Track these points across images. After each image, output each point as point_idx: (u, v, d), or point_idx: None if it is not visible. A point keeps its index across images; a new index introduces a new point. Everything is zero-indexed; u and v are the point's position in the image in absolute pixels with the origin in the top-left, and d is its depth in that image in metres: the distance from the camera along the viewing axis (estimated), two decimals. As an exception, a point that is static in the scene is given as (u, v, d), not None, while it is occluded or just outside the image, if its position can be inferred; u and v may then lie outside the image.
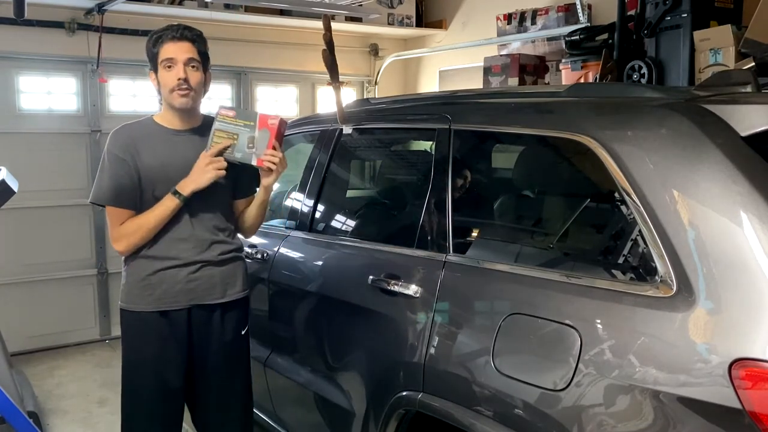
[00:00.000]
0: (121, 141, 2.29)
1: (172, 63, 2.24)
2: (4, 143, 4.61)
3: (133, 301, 2.32)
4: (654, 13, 3.10)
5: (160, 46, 2.26)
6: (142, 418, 2.35)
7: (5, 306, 4.64)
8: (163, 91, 2.29)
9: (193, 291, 2.30)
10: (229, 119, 2.28)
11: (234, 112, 2.29)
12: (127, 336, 2.36)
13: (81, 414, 3.87)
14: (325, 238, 2.78)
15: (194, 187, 2.23)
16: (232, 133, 2.27)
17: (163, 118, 2.35)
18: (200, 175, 2.24)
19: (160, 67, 2.26)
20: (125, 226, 2.26)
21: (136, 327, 2.32)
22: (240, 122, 2.28)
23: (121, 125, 2.36)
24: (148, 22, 4.98)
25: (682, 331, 1.45)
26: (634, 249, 1.65)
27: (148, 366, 2.31)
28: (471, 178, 2.33)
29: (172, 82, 2.24)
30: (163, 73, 2.26)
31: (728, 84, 1.80)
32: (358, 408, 2.32)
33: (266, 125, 2.27)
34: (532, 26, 4.60)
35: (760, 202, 1.43)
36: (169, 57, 2.24)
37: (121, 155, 2.26)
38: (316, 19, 5.07)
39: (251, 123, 2.27)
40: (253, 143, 2.27)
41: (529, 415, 1.68)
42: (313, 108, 6.00)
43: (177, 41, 2.25)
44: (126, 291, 2.34)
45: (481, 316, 1.91)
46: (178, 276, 2.28)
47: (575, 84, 3.24)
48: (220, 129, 2.28)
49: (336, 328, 2.50)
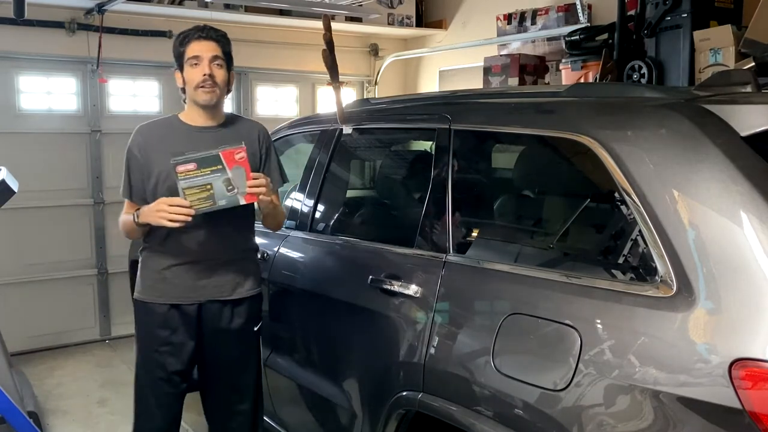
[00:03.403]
0: (138, 138, 2.38)
1: (198, 60, 2.31)
2: (4, 143, 4.61)
3: (146, 293, 2.41)
4: (654, 13, 3.10)
5: (186, 44, 2.33)
6: (149, 404, 2.43)
7: (5, 306, 4.64)
8: (189, 88, 2.35)
9: (204, 288, 2.37)
10: (192, 173, 2.12)
11: (193, 164, 2.12)
12: (140, 325, 2.46)
13: (81, 414, 3.87)
14: (325, 238, 2.78)
15: (148, 221, 2.24)
16: (204, 185, 2.13)
17: (187, 115, 2.41)
18: (152, 214, 2.21)
19: (186, 65, 2.33)
20: (121, 218, 2.40)
21: (148, 317, 2.40)
22: (206, 171, 2.13)
23: (146, 122, 2.44)
24: (148, 22, 4.98)
25: (682, 331, 1.45)
26: (634, 249, 1.65)
27: (157, 352, 2.39)
28: (471, 178, 2.33)
29: (197, 78, 2.30)
30: (189, 70, 2.32)
31: (728, 84, 1.80)
32: (358, 408, 2.32)
33: (235, 161, 2.14)
34: (532, 26, 4.60)
35: (760, 202, 1.43)
36: (195, 55, 2.31)
37: (135, 152, 2.36)
38: (316, 19, 5.07)
39: (218, 166, 2.13)
40: (231, 184, 2.14)
41: (529, 415, 1.68)
42: (313, 108, 5.99)
43: (203, 40, 2.32)
44: (140, 282, 2.43)
45: (481, 316, 1.91)
46: (191, 272, 2.35)
47: (575, 84, 3.24)
48: (188, 187, 2.13)
49: (336, 328, 2.50)
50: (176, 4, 4.84)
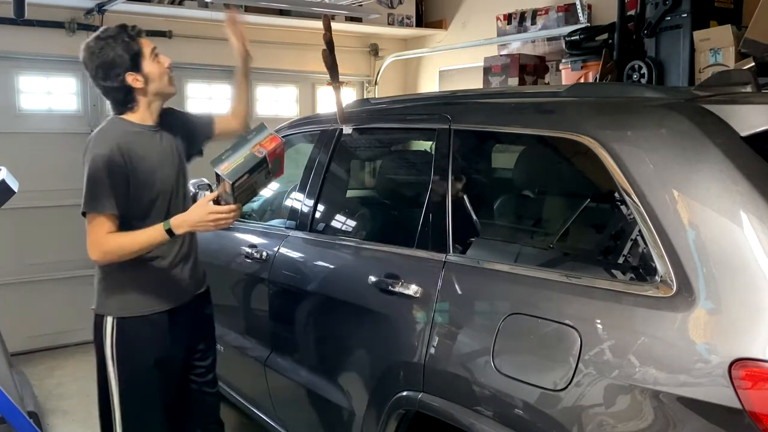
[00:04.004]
0: (113, 143, 2.15)
1: (157, 51, 2.25)
2: (4, 143, 4.61)
3: (136, 307, 2.25)
4: (654, 13, 3.10)
5: (136, 41, 2.21)
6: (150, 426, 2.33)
7: (5, 306, 4.63)
8: (155, 83, 2.24)
9: (196, 282, 2.40)
10: (244, 181, 2.05)
11: (246, 174, 2.04)
12: (130, 344, 2.27)
13: (81, 414, 3.87)
14: (325, 238, 2.78)
15: (189, 231, 2.18)
16: (251, 185, 2.12)
17: (138, 116, 2.26)
18: (202, 224, 2.12)
19: (148, 59, 2.22)
20: (108, 242, 2.14)
21: (142, 332, 2.26)
22: (254, 174, 2.07)
23: (100, 129, 2.24)
24: (148, 22, 4.98)
25: (682, 331, 1.45)
26: (634, 249, 1.65)
27: (157, 371, 2.27)
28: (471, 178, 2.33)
29: (164, 69, 2.25)
30: (153, 64, 2.23)
31: (728, 84, 1.80)
32: (358, 408, 2.32)
33: (275, 154, 2.09)
34: (532, 26, 4.60)
35: (760, 202, 1.43)
36: (153, 46, 2.24)
37: (116, 158, 2.14)
38: (316, 19, 5.07)
39: (263, 165, 2.08)
40: (270, 172, 2.14)
41: (529, 415, 1.68)
42: (313, 108, 5.99)
43: (142, 36, 2.25)
44: (125, 298, 2.26)
45: (481, 316, 1.91)
46: (184, 270, 2.34)
47: (575, 84, 3.24)
48: (239, 193, 2.08)
49: (336, 328, 2.50)
50: (176, 4, 4.85)
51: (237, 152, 2.06)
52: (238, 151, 2.06)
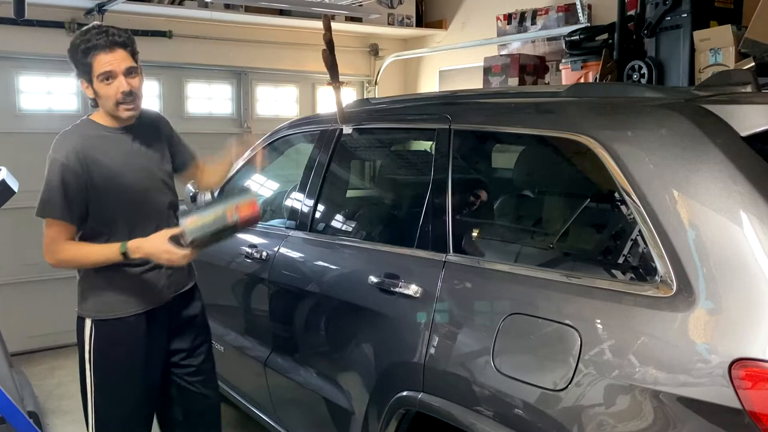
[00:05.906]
0: (71, 149, 2.10)
1: (110, 76, 2.07)
2: (4, 143, 4.61)
3: (112, 309, 2.22)
4: (654, 13, 3.10)
5: (92, 57, 2.06)
6: (125, 426, 2.32)
7: (5, 306, 4.64)
8: (105, 104, 2.14)
9: (174, 283, 2.34)
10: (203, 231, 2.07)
11: (212, 233, 2.08)
12: (105, 346, 2.23)
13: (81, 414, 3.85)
14: (325, 238, 2.78)
15: (148, 258, 2.14)
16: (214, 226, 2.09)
17: (102, 118, 2.21)
18: (159, 254, 2.11)
19: (95, 80, 2.09)
20: (63, 250, 2.12)
21: (117, 334, 2.23)
22: (219, 229, 2.09)
23: (64, 131, 2.18)
24: (148, 22, 4.98)
25: (682, 331, 1.45)
26: (634, 249, 1.65)
27: (132, 372, 2.25)
28: (471, 178, 2.33)
29: (114, 95, 2.09)
30: (102, 86, 2.09)
31: (728, 84, 1.81)
32: (359, 408, 2.32)
33: (246, 221, 2.10)
34: (532, 26, 4.60)
35: (760, 202, 1.43)
36: (106, 71, 2.06)
37: (73, 165, 2.08)
38: (316, 19, 5.07)
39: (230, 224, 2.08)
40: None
41: (529, 415, 1.68)
42: (313, 108, 5.99)
43: (110, 50, 2.06)
44: (101, 300, 2.22)
45: (481, 316, 1.91)
46: (161, 272, 2.27)
47: (575, 84, 3.24)
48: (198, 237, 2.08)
49: (336, 328, 2.51)
50: (176, 4, 4.84)
51: (210, 209, 2.07)
52: (211, 208, 2.08)
